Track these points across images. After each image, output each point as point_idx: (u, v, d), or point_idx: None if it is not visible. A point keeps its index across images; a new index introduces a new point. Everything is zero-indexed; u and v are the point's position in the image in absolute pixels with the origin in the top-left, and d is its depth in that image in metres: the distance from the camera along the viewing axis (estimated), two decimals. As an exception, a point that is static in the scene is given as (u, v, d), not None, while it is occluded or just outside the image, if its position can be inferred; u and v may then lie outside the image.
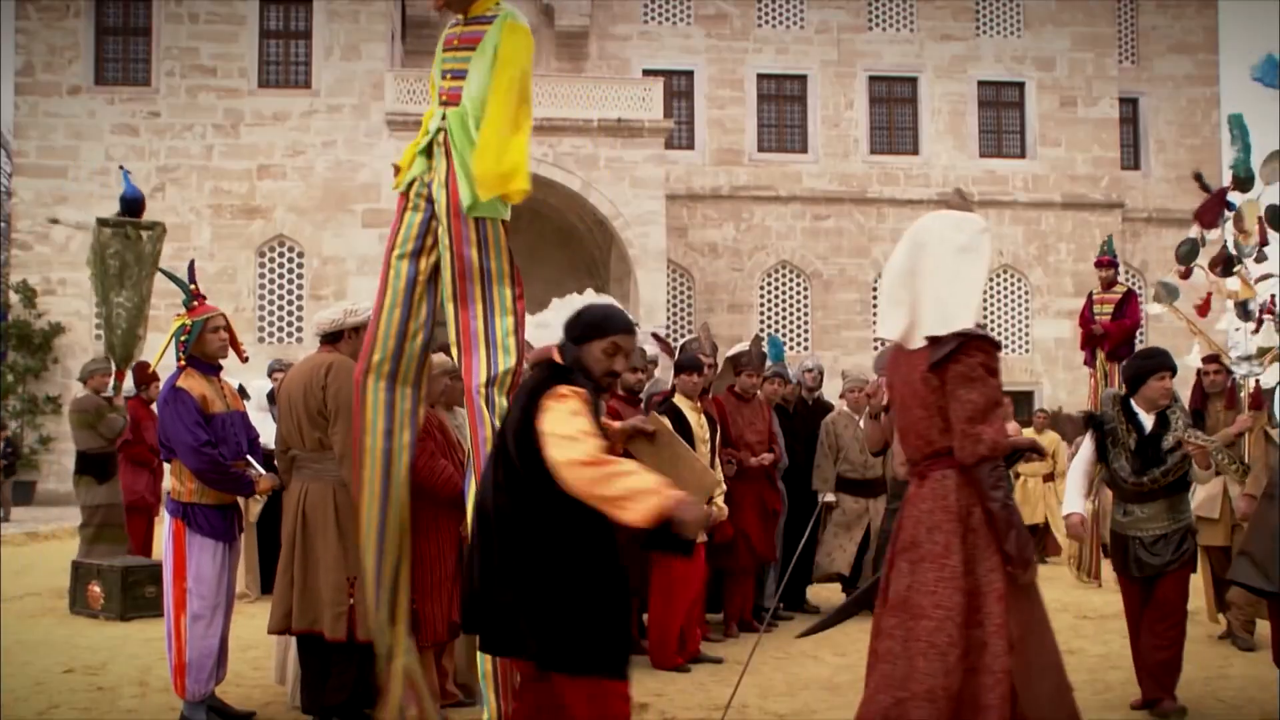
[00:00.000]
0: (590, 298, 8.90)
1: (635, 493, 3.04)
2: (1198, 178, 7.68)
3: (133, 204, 8.06)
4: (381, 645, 4.54)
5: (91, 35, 23.54)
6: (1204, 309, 7.45)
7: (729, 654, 7.20)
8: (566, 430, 3.21)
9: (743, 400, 8.12)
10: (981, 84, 27.46)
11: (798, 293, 26.79)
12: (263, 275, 23.39)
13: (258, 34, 23.71)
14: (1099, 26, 27.86)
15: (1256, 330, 6.91)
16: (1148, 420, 5.64)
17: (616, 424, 3.83)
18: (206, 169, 23.25)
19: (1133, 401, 5.70)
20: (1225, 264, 6.98)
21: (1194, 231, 7.19)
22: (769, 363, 8.89)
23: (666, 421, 4.02)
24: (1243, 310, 7.01)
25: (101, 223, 7.89)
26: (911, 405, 3.55)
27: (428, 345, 4.70)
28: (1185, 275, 7.47)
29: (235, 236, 23.23)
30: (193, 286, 5.61)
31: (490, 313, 4.62)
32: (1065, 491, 5.84)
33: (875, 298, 26.85)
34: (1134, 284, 26.59)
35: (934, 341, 3.46)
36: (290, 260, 23.43)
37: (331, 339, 5.43)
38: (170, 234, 8.92)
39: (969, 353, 3.40)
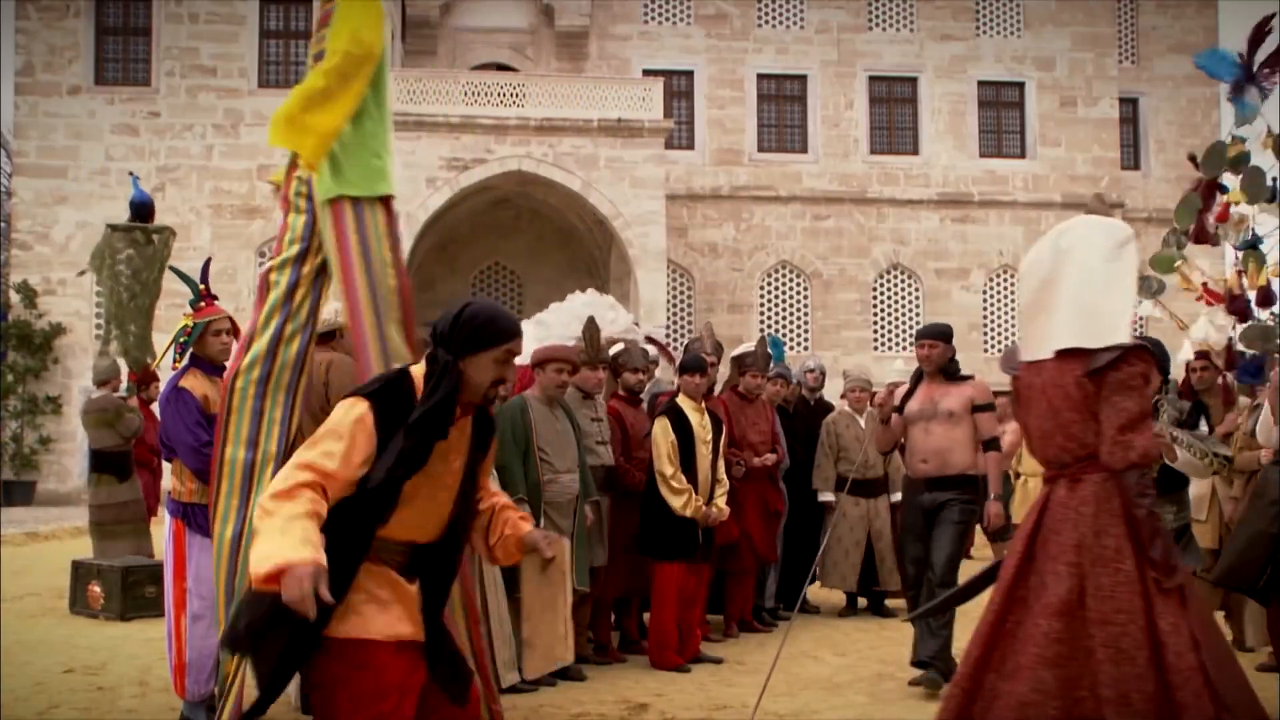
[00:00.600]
0: (591, 298, 8.86)
1: (260, 542, 2.68)
2: (1192, 158, 7.69)
3: (142, 208, 8.08)
4: (227, 664, 4.19)
5: (91, 35, 23.54)
6: (1222, 214, 7.40)
7: (729, 654, 7.20)
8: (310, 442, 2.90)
9: (746, 400, 8.13)
10: (981, 84, 27.46)
11: (798, 293, 26.79)
12: (263, 275, 23.36)
13: (258, 34, 23.72)
14: (1099, 26, 27.86)
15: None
16: None
17: (524, 528, 3.30)
18: (206, 169, 23.25)
19: None
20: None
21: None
22: (772, 363, 8.90)
23: (567, 555, 3.30)
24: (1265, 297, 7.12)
25: (112, 228, 7.92)
26: (1061, 409, 3.56)
27: (306, 350, 4.43)
28: (1196, 236, 7.49)
29: (235, 236, 23.23)
30: (202, 286, 5.61)
31: (376, 305, 4.21)
32: None
33: (875, 298, 26.87)
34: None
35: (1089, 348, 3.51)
36: (290, 260, 23.41)
37: (326, 337, 5.40)
38: (170, 234, 8.93)
39: (1130, 361, 3.45)
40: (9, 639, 7.26)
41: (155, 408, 8.68)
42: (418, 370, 3.08)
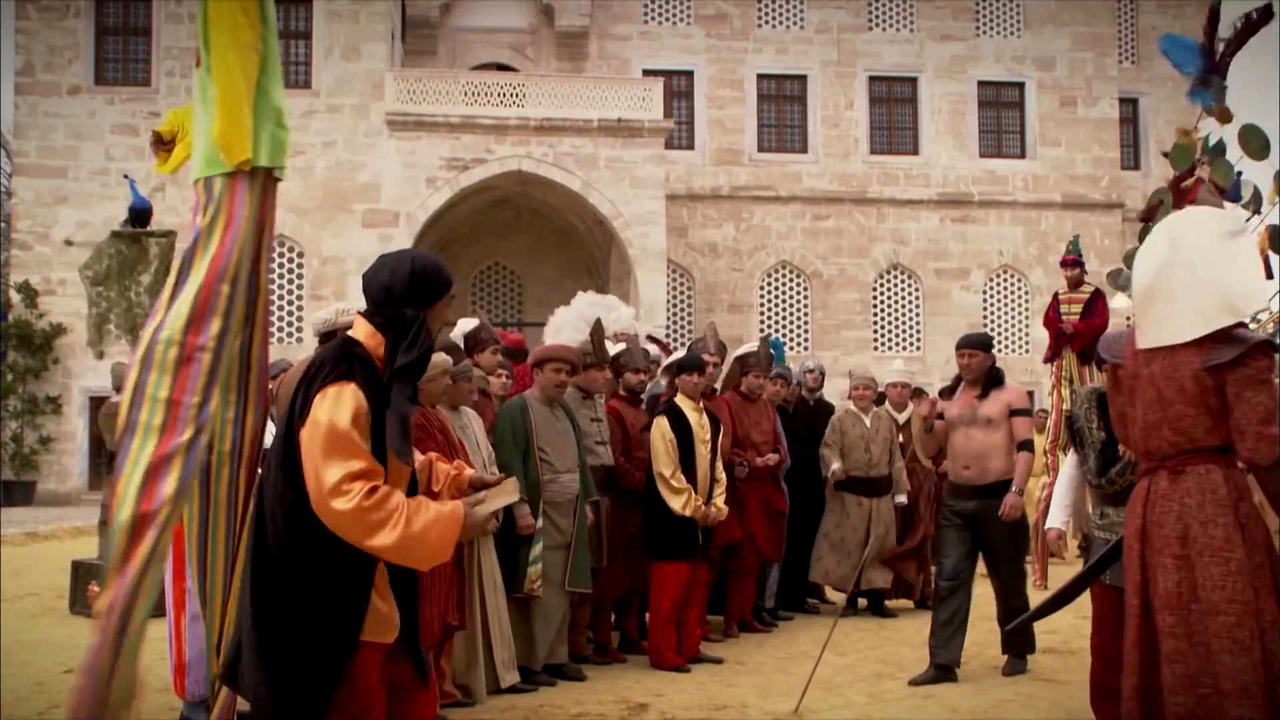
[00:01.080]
0: (594, 298, 8.86)
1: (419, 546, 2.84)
2: (1184, 134, 7.56)
3: (141, 213, 8.15)
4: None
5: (91, 35, 23.53)
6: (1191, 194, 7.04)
7: (729, 654, 7.20)
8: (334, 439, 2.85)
9: (748, 400, 8.13)
10: (981, 84, 27.46)
11: (798, 293, 26.78)
12: (263, 275, 23.36)
13: (258, 34, 23.69)
14: (1099, 26, 27.86)
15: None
16: None
17: (468, 472, 3.42)
18: (206, 169, 23.23)
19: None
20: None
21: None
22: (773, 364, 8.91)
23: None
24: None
25: (115, 235, 7.98)
26: (1173, 400, 3.54)
27: (249, 346, 4.29)
28: (1147, 217, 7.29)
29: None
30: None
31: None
32: (1051, 501, 5.52)
33: (875, 298, 26.87)
34: (1134, 284, 26.59)
35: (1208, 341, 3.47)
36: (290, 260, 23.42)
37: (328, 339, 5.40)
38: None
39: (1255, 357, 3.44)
40: (9, 639, 7.25)
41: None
42: (364, 334, 3.03)
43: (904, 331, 26.84)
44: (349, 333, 3.09)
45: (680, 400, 6.90)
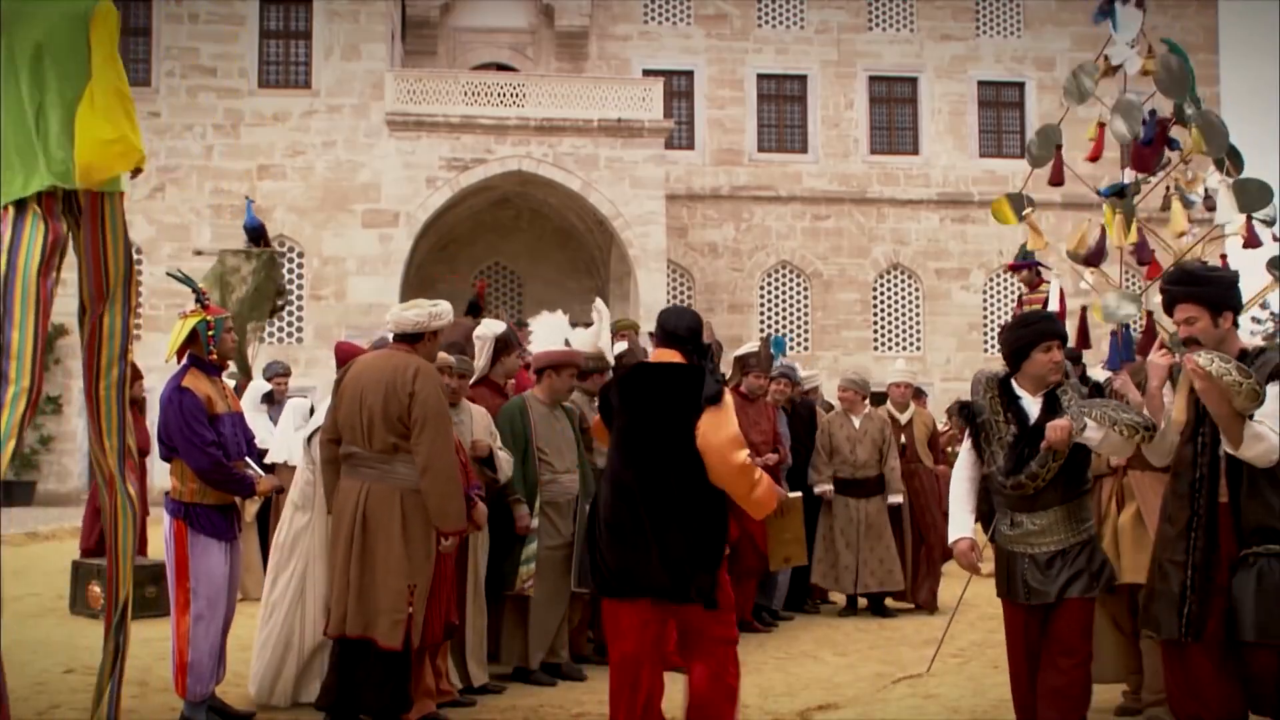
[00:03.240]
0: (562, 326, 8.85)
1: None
2: (1152, 114, 7.11)
3: (253, 232, 8.48)
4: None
5: (91, 35, 23.53)
6: (1152, 270, 6.64)
7: (729, 654, 7.18)
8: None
9: (748, 400, 8.13)
10: (981, 84, 27.45)
11: (798, 293, 26.78)
12: (263, 275, 23.38)
13: (258, 34, 23.70)
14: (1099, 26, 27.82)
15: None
16: (1033, 405, 4.49)
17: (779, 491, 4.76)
18: (206, 169, 23.24)
19: (1014, 383, 4.57)
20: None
21: (1128, 176, 6.85)
22: (776, 363, 8.91)
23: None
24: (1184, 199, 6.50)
25: (227, 253, 8.23)
26: None
27: (124, 354, 4.34)
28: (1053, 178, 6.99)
29: (235, 236, 23.13)
30: (203, 286, 5.61)
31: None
32: (950, 509, 4.72)
33: (875, 298, 26.86)
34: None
35: None
36: (290, 260, 23.42)
37: (410, 339, 5.19)
38: (170, 234, 9.07)
39: None
40: (9, 639, 7.24)
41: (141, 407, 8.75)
42: (674, 358, 4.58)
43: (904, 331, 26.84)
44: (663, 358, 4.57)
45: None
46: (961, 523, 4.63)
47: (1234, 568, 4.00)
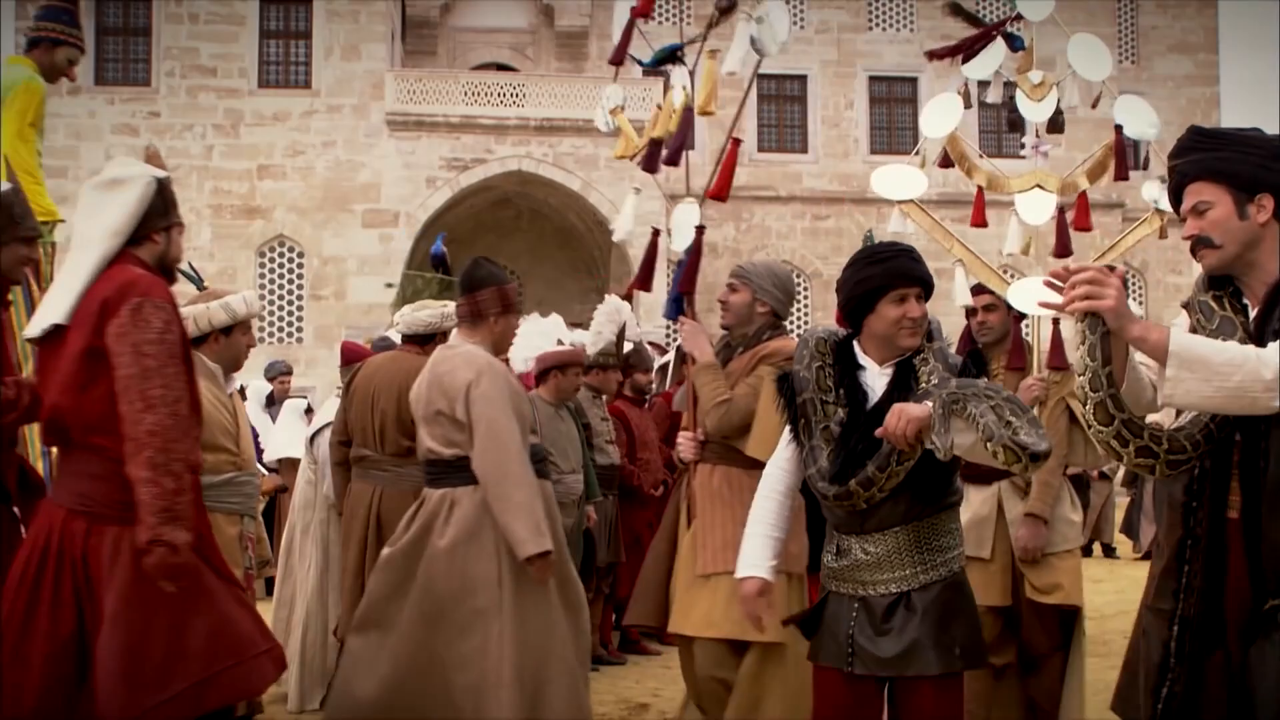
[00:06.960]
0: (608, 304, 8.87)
1: None
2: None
3: (436, 259, 9.07)
4: None
5: (91, 35, 23.51)
6: (976, 216, 5.63)
7: (730, 654, 7.18)
8: None
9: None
10: (982, 84, 27.37)
11: (798, 293, 26.79)
12: (263, 275, 23.38)
13: (258, 34, 23.72)
14: (1099, 26, 27.84)
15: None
16: (879, 378, 2.98)
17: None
18: (206, 169, 23.25)
19: (856, 346, 3.04)
20: (1011, 122, 6.03)
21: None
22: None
23: None
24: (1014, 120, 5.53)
25: (411, 276, 8.80)
26: None
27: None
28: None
29: (235, 236, 23.23)
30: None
31: None
32: (746, 534, 3.11)
33: (875, 298, 26.88)
34: (1135, 284, 26.61)
35: None
36: (290, 260, 23.43)
37: (421, 340, 5.14)
38: (170, 234, 9.20)
39: None
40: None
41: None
42: None
43: (904, 331, 26.87)
44: None
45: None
46: (753, 554, 3.06)
47: (1247, 628, 2.41)
